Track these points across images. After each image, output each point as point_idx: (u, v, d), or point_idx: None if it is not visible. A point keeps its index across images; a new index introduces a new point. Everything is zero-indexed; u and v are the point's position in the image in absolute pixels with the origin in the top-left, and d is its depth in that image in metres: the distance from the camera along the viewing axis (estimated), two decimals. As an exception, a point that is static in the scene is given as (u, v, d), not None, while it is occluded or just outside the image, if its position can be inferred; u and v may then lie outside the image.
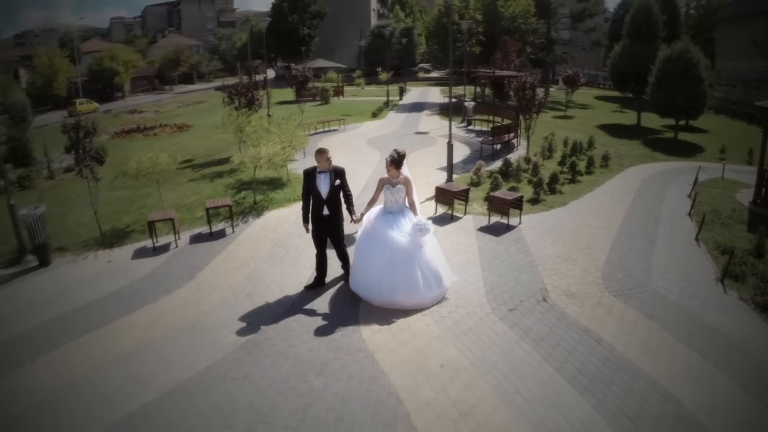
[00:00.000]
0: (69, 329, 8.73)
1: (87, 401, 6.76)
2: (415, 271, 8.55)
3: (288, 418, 6.20)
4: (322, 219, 9.09)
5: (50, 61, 68.33)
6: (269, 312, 8.80)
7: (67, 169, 26.15)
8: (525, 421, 6.00)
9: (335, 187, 9.02)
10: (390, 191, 8.98)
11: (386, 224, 8.85)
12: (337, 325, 8.25)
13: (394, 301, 8.60)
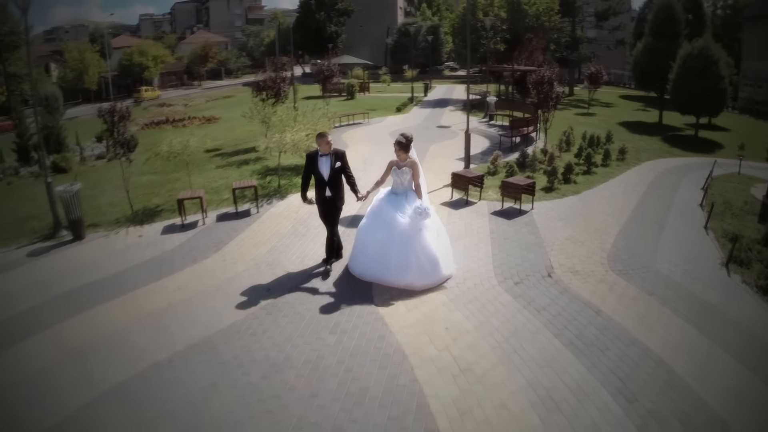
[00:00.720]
0: (106, 291, 9.49)
1: (120, 351, 7.44)
2: (409, 253, 8.75)
3: (300, 368, 6.79)
4: (325, 200, 9.40)
5: (81, 56, 69.80)
6: (289, 280, 9.42)
7: (98, 156, 27.17)
8: (521, 378, 6.47)
9: (336, 169, 9.28)
10: (396, 173, 9.25)
11: (389, 204, 9.16)
12: (352, 292, 8.83)
13: (386, 279, 8.87)
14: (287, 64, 49.57)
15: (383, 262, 8.88)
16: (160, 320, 8.25)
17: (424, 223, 8.88)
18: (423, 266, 8.78)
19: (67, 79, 65.74)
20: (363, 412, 5.93)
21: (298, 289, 9.01)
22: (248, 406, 6.13)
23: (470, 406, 5.96)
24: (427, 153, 20.48)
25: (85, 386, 6.67)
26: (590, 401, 6.01)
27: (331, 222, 9.61)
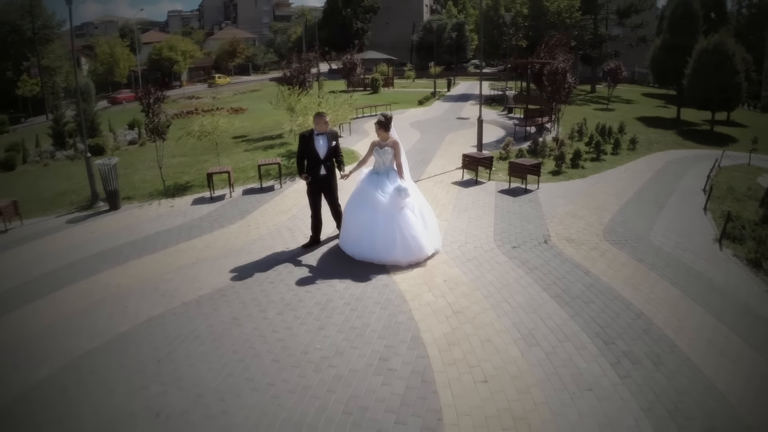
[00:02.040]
0: (139, 250, 10.62)
1: (152, 294, 8.49)
2: (393, 231, 8.95)
3: (311, 307, 7.71)
4: (319, 178, 9.69)
5: (111, 51, 71.62)
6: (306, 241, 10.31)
7: (130, 141, 28.41)
8: (507, 320, 7.22)
9: (332, 147, 9.64)
10: (378, 153, 9.43)
11: (371, 184, 9.34)
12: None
13: (372, 257, 9.09)
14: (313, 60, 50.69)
15: (369, 241, 9.15)
16: (188, 271, 9.27)
17: (406, 202, 9.08)
18: (408, 244, 8.99)
19: (97, 73, 67.56)
20: (363, 341, 6.78)
21: (315, 249, 9.92)
22: (263, 335, 7.05)
23: (458, 340, 6.75)
24: (444, 140, 21.34)
25: (120, 321, 7.71)
26: (569, 341, 6.70)
27: (330, 197, 10.00)
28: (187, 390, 6.02)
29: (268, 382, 6.05)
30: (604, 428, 5.16)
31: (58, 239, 12.14)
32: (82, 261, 10.34)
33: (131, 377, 6.34)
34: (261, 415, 5.50)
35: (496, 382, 5.91)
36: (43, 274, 9.90)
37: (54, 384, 6.38)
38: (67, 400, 6.04)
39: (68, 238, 12.18)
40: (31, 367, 6.72)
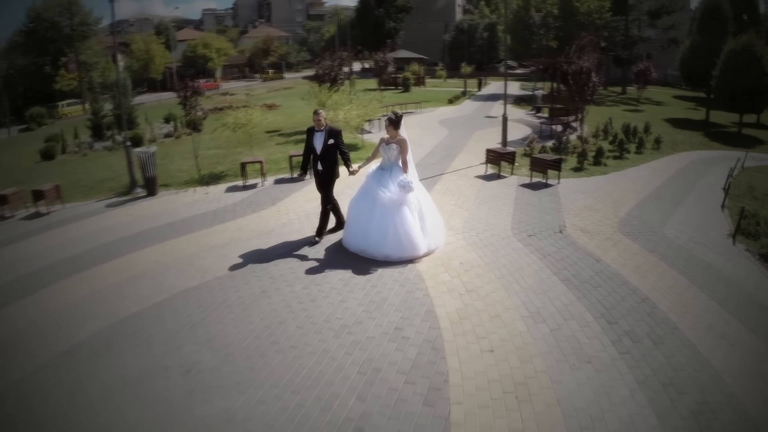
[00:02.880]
0: (176, 231, 11.41)
1: (187, 269, 9.25)
2: (388, 226, 9.05)
3: (335, 283, 8.34)
4: (317, 173, 9.96)
5: (146, 47, 73.10)
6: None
7: (166, 134, 29.37)
8: (516, 299, 7.71)
9: (328, 145, 9.70)
10: (384, 149, 9.53)
11: (375, 179, 9.50)
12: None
13: (365, 249, 9.28)
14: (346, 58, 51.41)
15: (364, 233, 9.35)
16: (221, 250, 10.00)
17: (407, 199, 9.15)
18: (401, 240, 9.04)
19: (133, 69, 68.93)
20: (381, 313, 7.35)
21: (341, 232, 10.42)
22: (289, 306, 7.70)
23: (469, 314, 7.26)
24: (471, 137, 21.83)
25: (158, 292, 8.45)
26: (574, 320, 7.15)
27: (324, 193, 10.10)
28: (218, 350, 6.68)
29: (291, 345, 6.68)
30: (599, 396, 5.58)
31: (99, 221, 12.98)
32: (123, 239, 11.17)
33: (167, 338, 7.05)
34: (284, 372, 6.12)
35: (501, 352, 6.40)
36: (87, 250, 10.78)
37: (98, 340, 7.16)
38: (110, 353, 6.81)
39: (109, 219, 13.02)
40: (81, 325, 7.56)
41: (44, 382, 6.32)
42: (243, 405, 5.64)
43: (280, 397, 5.71)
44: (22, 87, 62.19)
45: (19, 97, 60.25)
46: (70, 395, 6.03)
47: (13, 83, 59.37)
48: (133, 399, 5.88)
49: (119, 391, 6.04)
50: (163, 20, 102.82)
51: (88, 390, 6.09)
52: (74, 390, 6.12)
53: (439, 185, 14.43)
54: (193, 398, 5.82)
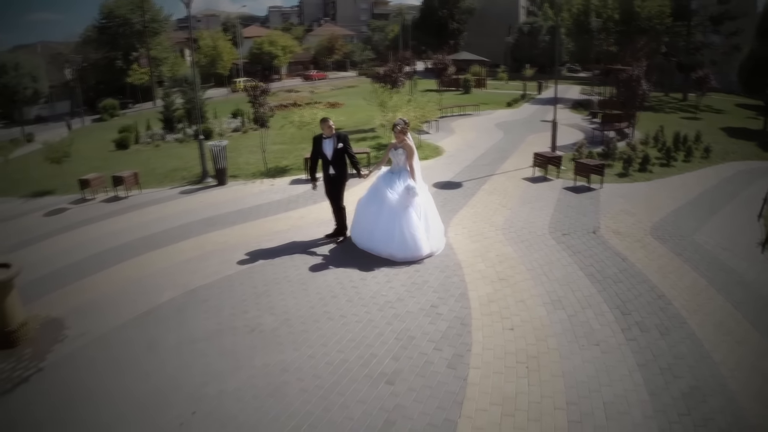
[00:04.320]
0: (243, 217, 12.97)
1: (252, 251, 10.73)
2: (394, 226, 9.65)
3: (383, 266, 9.58)
4: (329, 178, 10.55)
5: (214, 44, 75.93)
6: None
7: (234, 129, 31.06)
8: (542, 288, 8.66)
9: (338, 149, 10.32)
10: (393, 154, 10.21)
11: (383, 181, 10.15)
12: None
13: (371, 247, 9.98)
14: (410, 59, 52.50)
15: (370, 232, 10.02)
16: (284, 234, 11.44)
17: (414, 202, 9.75)
18: (406, 241, 9.63)
19: (200, 64, 71.75)
20: (420, 293, 8.50)
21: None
22: (341, 282, 9.00)
23: (497, 298, 8.30)
24: (525, 141, 22.69)
25: (227, 267, 9.97)
26: (591, 308, 8.02)
27: (334, 197, 10.71)
28: (277, 315, 8.00)
29: (340, 315, 7.90)
30: (600, 373, 6.45)
31: (174, 205, 14.62)
32: (195, 223, 12.75)
33: (235, 305, 8.42)
34: (332, 335, 7.38)
35: (520, 330, 7.39)
36: (163, 230, 12.44)
37: (173, 305, 8.58)
38: (183, 316, 8.20)
39: (182, 204, 14.61)
40: (157, 292, 9.04)
41: (126, 336, 7.74)
42: (296, 359, 6.88)
43: (328, 354, 6.93)
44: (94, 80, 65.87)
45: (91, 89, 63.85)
46: (149, 347, 7.39)
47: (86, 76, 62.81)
48: (203, 351, 7.20)
49: (191, 345, 7.37)
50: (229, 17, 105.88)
51: (164, 343, 7.45)
52: (152, 343, 7.48)
53: (487, 185, 15.45)
54: (255, 352, 7.09)
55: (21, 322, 7.93)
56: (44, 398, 6.49)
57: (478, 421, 5.67)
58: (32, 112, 57.63)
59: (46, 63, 59.29)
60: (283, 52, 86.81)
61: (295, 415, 5.86)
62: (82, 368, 7.09)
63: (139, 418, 6.01)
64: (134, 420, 5.97)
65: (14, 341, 7.79)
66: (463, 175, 16.87)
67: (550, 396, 6.04)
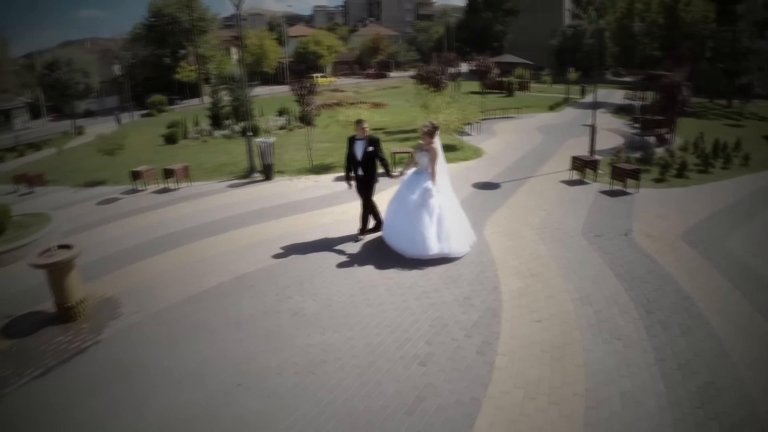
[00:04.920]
0: (289, 210, 13.87)
1: (298, 242, 11.54)
2: (407, 224, 10.18)
3: (414, 265, 10.06)
4: (358, 178, 11.07)
5: (260, 42, 77.40)
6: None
7: (280, 127, 32.00)
8: (571, 285, 9.11)
9: (368, 152, 10.77)
10: (418, 155, 10.51)
11: (407, 183, 10.58)
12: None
13: (390, 242, 10.62)
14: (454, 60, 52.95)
15: (391, 227, 10.66)
16: (328, 228, 12.19)
17: (429, 203, 10.09)
18: (415, 239, 10.08)
19: (247, 63, 73.12)
20: (455, 285, 9.11)
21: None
22: (381, 273, 9.73)
23: (527, 292, 8.81)
24: (564, 144, 22.97)
25: (273, 257, 10.87)
26: (617, 306, 8.44)
27: (364, 196, 11.24)
28: (320, 301, 8.71)
29: (379, 302, 8.55)
30: (620, 365, 6.88)
31: (222, 198, 15.54)
32: (243, 215, 13.67)
33: (279, 290, 9.19)
34: (370, 320, 8.03)
35: (547, 322, 7.88)
36: (212, 220, 13.43)
37: (221, 290, 9.43)
38: (230, 299, 9.02)
39: (231, 197, 15.49)
40: (207, 277, 9.92)
41: (177, 316, 8.59)
42: (336, 340, 7.54)
43: (366, 337, 7.57)
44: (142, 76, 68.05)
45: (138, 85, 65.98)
46: (198, 326, 8.20)
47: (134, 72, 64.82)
48: (248, 332, 7.94)
49: (237, 326, 8.13)
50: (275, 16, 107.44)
51: (213, 323, 8.26)
52: (201, 323, 8.30)
53: (524, 187, 15.91)
54: (297, 333, 7.79)
55: (79, 299, 8.78)
56: (100, 367, 7.31)
57: (502, 401, 6.18)
58: (81, 106, 59.68)
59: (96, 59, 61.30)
60: (328, 52, 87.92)
61: (332, 389, 6.51)
62: (136, 342, 7.93)
63: (190, 385, 6.77)
64: (186, 386, 6.74)
65: (73, 316, 8.71)
66: (502, 177, 17.34)
67: (570, 383, 6.50)
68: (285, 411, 6.19)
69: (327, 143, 23.16)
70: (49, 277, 8.65)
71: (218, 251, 11.30)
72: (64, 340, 8.12)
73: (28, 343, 8.11)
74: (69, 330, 8.40)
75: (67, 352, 7.75)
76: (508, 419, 5.90)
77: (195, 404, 6.41)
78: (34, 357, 7.69)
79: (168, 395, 6.58)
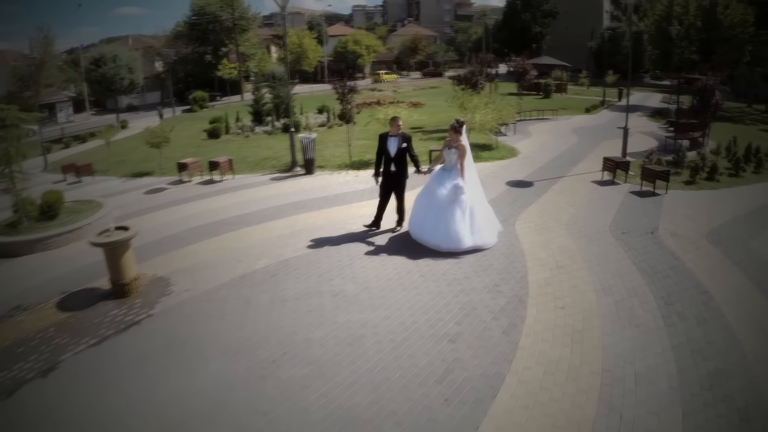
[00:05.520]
0: (330, 202, 14.72)
1: (339, 231, 12.45)
2: (440, 220, 10.65)
3: (447, 254, 10.74)
4: (390, 174, 11.46)
5: (299, 41, 78.41)
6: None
7: (320, 124, 32.86)
8: (594, 276, 9.69)
9: (401, 149, 11.26)
10: (447, 152, 10.97)
11: (436, 178, 11.04)
12: (503, 221, 12.64)
13: (421, 237, 11.02)
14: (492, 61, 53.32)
15: (422, 224, 11.01)
16: (367, 220, 12.80)
17: (460, 199, 10.56)
18: (449, 233, 10.56)
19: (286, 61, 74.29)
20: (485, 274, 9.80)
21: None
22: (416, 261, 10.47)
23: (552, 282, 9.43)
24: (599, 146, 23.37)
25: (315, 243, 11.73)
26: (637, 297, 8.97)
27: (397, 192, 11.78)
28: (359, 284, 9.51)
29: (414, 287, 9.30)
30: (636, 348, 7.43)
31: (266, 189, 16.53)
32: (286, 205, 14.58)
33: (321, 273, 10.03)
34: (405, 302, 8.80)
35: (570, 309, 8.48)
36: (256, 210, 14.39)
37: (267, 272, 10.32)
38: (275, 280, 9.94)
39: (273, 189, 16.42)
40: (253, 260, 10.88)
41: (226, 294, 9.50)
42: (373, 318, 8.31)
43: (400, 316, 8.32)
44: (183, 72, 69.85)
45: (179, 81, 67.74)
46: (246, 302, 9.08)
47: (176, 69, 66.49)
48: (293, 308, 8.81)
49: (282, 303, 8.99)
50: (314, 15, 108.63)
51: (259, 300, 9.15)
52: (249, 300, 9.18)
53: (557, 185, 16.48)
54: (338, 311, 8.59)
55: (133, 277, 9.66)
56: (153, 337, 8.18)
57: (523, 376, 6.82)
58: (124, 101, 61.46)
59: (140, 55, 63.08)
60: (367, 52, 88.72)
61: (369, 360, 7.26)
62: (187, 316, 8.80)
63: (240, 351, 7.62)
64: (237, 354, 7.57)
65: (127, 292, 9.61)
66: (535, 175, 17.91)
67: (588, 363, 7.09)
68: (326, 376, 6.95)
69: (366, 140, 23.87)
70: (107, 255, 9.48)
71: (263, 237, 12.20)
72: (118, 313, 9.03)
73: (84, 316, 9.04)
74: (123, 305, 9.32)
75: (122, 324, 8.62)
76: (529, 392, 6.53)
77: (245, 369, 7.20)
78: (90, 328, 8.58)
79: (219, 362, 7.38)
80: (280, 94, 35.05)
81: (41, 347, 8.08)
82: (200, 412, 6.39)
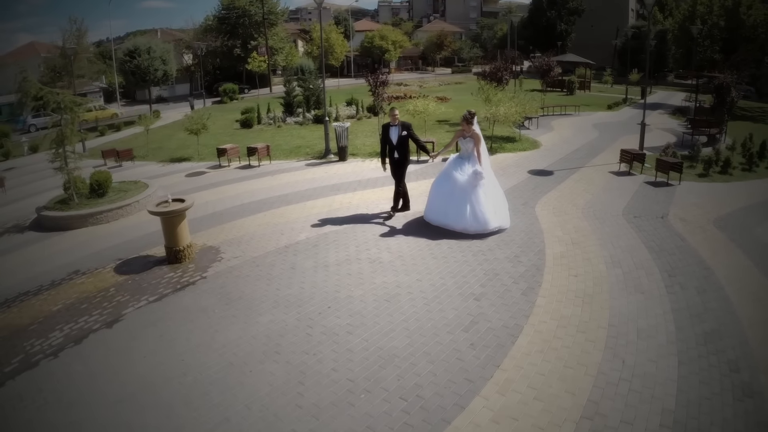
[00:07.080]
0: (363, 186, 15.97)
1: (371, 211, 13.67)
2: (465, 204, 11.34)
3: (469, 236, 11.74)
4: (394, 160, 12.49)
5: (326, 36, 79.30)
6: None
7: (349, 116, 33.97)
8: (605, 252, 10.71)
9: (402, 136, 12.15)
10: (462, 142, 11.74)
11: (453, 165, 11.75)
12: (523, 205, 13.84)
13: (446, 223, 11.66)
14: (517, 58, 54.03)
15: (444, 210, 11.65)
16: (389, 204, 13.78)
17: (481, 183, 11.29)
18: (477, 216, 11.33)
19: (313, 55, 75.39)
20: (507, 247, 10.93)
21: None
22: (444, 233, 11.61)
23: (567, 256, 10.50)
24: (618, 140, 24.16)
25: (351, 219, 13.00)
26: (643, 269, 9.97)
27: (398, 177, 12.68)
28: (393, 252, 10.79)
29: (443, 256, 10.49)
30: (639, 310, 8.45)
31: (302, 174, 17.80)
32: (322, 188, 15.81)
33: (359, 244, 11.45)
34: (435, 267, 10.03)
35: (581, 277, 9.55)
36: (295, 192, 15.76)
37: (308, 242, 11.59)
38: (317, 249, 11.31)
39: (309, 174, 17.68)
40: (295, 233, 12.25)
41: (272, 260, 10.79)
42: (407, 280, 9.51)
43: (431, 279, 9.51)
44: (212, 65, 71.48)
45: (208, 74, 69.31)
46: (291, 267, 10.36)
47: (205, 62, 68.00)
48: (334, 272, 10.05)
49: (324, 268, 10.24)
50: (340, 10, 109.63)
51: (304, 265, 10.44)
52: (293, 265, 10.47)
53: (575, 175, 17.46)
54: (375, 275, 9.80)
55: (186, 244, 10.85)
56: (209, 295, 9.44)
57: (539, 327, 7.91)
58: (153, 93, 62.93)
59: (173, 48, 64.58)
60: (393, 47, 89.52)
61: (404, 312, 8.44)
62: (238, 278, 10.08)
63: (289, 306, 8.87)
64: (286, 308, 8.80)
65: (181, 258, 10.89)
66: (555, 166, 18.92)
67: (596, 319, 8.14)
68: (367, 325, 8.14)
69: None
70: (164, 223, 10.73)
71: (303, 214, 13.51)
72: (174, 275, 10.35)
73: (142, 278, 10.34)
74: (178, 269, 10.64)
75: (179, 284, 9.93)
76: (543, 339, 7.61)
77: (294, 320, 8.42)
78: (149, 288, 9.89)
79: (271, 314, 8.61)
80: (310, 86, 36.18)
81: (104, 303, 9.38)
82: (256, 353, 7.57)
